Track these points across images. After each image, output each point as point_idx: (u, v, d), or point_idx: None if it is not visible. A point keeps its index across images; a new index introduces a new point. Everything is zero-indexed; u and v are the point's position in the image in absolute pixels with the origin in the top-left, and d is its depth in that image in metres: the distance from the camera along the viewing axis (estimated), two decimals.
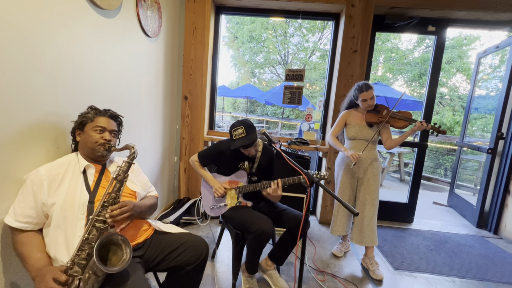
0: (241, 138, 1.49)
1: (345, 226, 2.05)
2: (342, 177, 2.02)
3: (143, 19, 1.83)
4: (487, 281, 1.93)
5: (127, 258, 0.91)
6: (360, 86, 1.91)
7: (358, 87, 1.92)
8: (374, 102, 1.92)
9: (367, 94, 1.87)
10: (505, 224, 2.68)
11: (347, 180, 2.00)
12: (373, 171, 1.94)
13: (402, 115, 1.90)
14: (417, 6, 2.38)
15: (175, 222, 2.27)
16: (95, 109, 1.17)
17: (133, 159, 1.07)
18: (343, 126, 2.06)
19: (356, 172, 1.99)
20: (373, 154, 1.96)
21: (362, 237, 1.94)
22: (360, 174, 1.97)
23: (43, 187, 0.95)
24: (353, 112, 2.02)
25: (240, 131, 1.50)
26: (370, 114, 1.95)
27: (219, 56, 2.79)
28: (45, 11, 1.08)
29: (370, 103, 1.89)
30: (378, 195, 1.95)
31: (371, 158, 1.95)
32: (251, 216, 1.51)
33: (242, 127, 1.50)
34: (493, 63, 6.72)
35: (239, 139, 1.49)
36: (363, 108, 1.96)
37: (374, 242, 1.93)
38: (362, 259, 2.03)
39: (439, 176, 5.44)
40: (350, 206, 1.08)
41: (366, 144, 1.91)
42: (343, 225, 2.05)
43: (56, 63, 1.15)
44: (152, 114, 2.16)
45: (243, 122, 1.53)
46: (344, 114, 2.04)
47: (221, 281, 1.70)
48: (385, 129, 1.96)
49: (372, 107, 1.93)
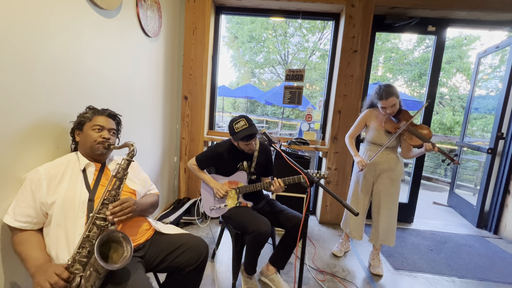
0: (244, 129, 1.50)
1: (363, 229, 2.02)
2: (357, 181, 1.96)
3: (143, 19, 1.83)
4: (487, 281, 1.92)
5: (128, 255, 0.91)
6: (380, 92, 1.74)
7: (378, 93, 1.76)
8: (395, 110, 1.76)
9: (387, 103, 1.72)
10: (505, 224, 2.68)
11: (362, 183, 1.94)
12: (390, 175, 1.85)
13: (417, 132, 1.74)
14: (417, 6, 2.38)
15: (175, 222, 2.27)
16: (93, 108, 1.17)
17: (132, 157, 1.07)
18: (363, 127, 1.96)
19: (372, 176, 1.92)
20: (391, 158, 1.86)
21: (377, 238, 1.93)
22: (375, 178, 1.91)
23: (42, 186, 0.96)
24: (375, 112, 1.90)
25: (242, 123, 1.51)
26: (389, 121, 1.82)
27: (219, 56, 2.79)
28: (45, 11, 1.08)
29: (390, 111, 1.75)
30: (396, 199, 1.89)
31: (389, 162, 1.85)
32: (249, 217, 1.51)
33: (243, 119, 1.52)
34: (493, 63, 6.73)
35: (242, 130, 1.50)
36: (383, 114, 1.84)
37: (388, 242, 1.90)
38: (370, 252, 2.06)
39: (439, 176, 5.44)
40: (350, 206, 1.08)
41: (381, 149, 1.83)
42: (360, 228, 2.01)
43: (56, 63, 1.15)
44: (152, 114, 2.16)
45: (243, 115, 1.55)
46: (365, 114, 1.93)
47: (221, 281, 1.70)
48: (404, 141, 1.83)
49: (394, 114, 1.80)
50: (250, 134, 1.49)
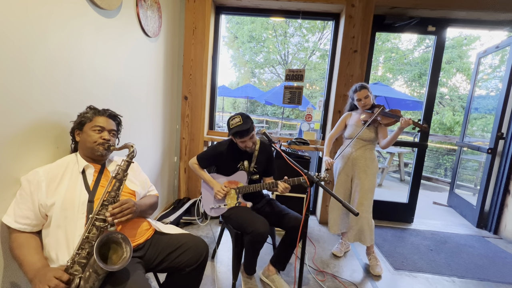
0: (237, 125, 1.53)
1: (339, 224, 2.07)
2: (338, 177, 2.07)
3: (143, 19, 1.83)
4: (487, 281, 1.92)
5: (128, 256, 0.91)
6: (355, 86, 1.98)
7: (353, 88, 2.00)
8: (369, 102, 1.95)
9: (361, 94, 1.94)
10: (505, 224, 2.68)
11: (342, 179, 2.04)
12: (365, 170, 1.94)
13: (389, 113, 1.89)
14: (417, 6, 2.38)
15: (175, 222, 2.27)
16: (93, 109, 1.17)
17: (132, 158, 1.07)
18: (343, 127, 2.10)
19: (350, 171, 2.01)
20: (368, 153, 1.97)
21: (352, 235, 1.98)
22: (354, 173, 1.99)
23: (41, 188, 0.95)
24: (352, 113, 2.08)
25: (237, 119, 1.54)
26: (365, 113, 1.97)
27: (219, 56, 2.79)
28: (45, 11, 1.08)
29: (364, 102, 1.94)
30: (371, 195, 1.94)
31: (366, 157, 1.96)
32: (248, 217, 1.51)
33: (239, 116, 1.55)
34: (493, 63, 6.73)
35: (235, 126, 1.53)
36: (360, 108, 1.99)
37: (363, 241, 1.94)
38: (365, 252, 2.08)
39: (439, 176, 5.44)
40: (350, 206, 1.08)
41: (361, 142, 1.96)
42: (337, 223, 2.07)
43: (56, 63, 1.15)
44: (152, 114, 2.16)
45: (240, 113, 1.58)
46: (344, 116, 2.10)
47: (221, 281, 1.70)
48: (381, 129, 1.96)
49: (368, 107, 1.96)
50: (242, 131, 1.51)
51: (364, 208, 1.92)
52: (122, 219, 0.99)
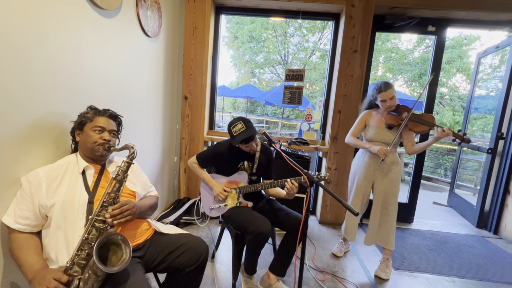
0: (241, 132, 1.49)
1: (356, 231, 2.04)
2: (359, 180, 1.93)
3: (143, 19, 1.83)
4: (487, 281, 1.92)
5: (127, 258, 0.91)
6: (379, 85, 1.79)
7: (376, 87, 1.81)
8: (394, 103, 1.78)
9: (386, 94, 1.75)
10: (505, 224, 2.68)
11: (362, 184, 1.92)
12: (390, 176, 1.84)
13: (422, 119, 1.74)
14: (417, 6, 2.38)
15: (175, 222, 2.27)
16: (94, 109, 1.17)
17: (132, 159, 1.07)
18: (363, 127, 1.96)
19: (371, 176, 1.90)
20: (392, 157, 1.85)
21: (375, 239, 1.93)
22: (375, 177, 1.90)
23: (41, 189, 0.95)
24: (373, 113, 1.92)
25: (239, 126, 1.51)
26: (389, 115, 1.81)
27: (219, 56, 2.79)
28: (45, 11, 1.08)
29: (389, 103, 1.77)
30: (395, 199, 1.87)
31: (390, 161, 1.85)
32: (249, 217, 1.50)
33: (240, 122, 1.51)
34: (493, 63, 6.73)
35: (239, 134, 1.49)
36: (383, 109, 1.84)
37: (388, 245, 1.89)
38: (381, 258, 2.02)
39: (439, 176, 5.44)
40: (350, 206, 1.08)
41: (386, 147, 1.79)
42: (354, 230, 2.02)
43: (56, 63, 1.15)
44: (152, 114, 2.16)
45: (240, 118, 1.54)
46: (363, 115, 1.95)
47: (221, 281, 1.70)
48: (407, 133, 1.81)
49: (393, 108, 1.80)
50: (248, 137, 1.49)
51: (388, 212, 1.87)
52: (122, 220, 0.99)
